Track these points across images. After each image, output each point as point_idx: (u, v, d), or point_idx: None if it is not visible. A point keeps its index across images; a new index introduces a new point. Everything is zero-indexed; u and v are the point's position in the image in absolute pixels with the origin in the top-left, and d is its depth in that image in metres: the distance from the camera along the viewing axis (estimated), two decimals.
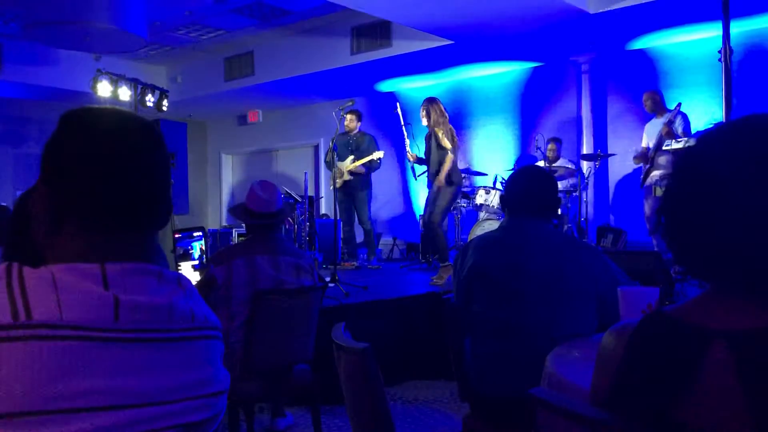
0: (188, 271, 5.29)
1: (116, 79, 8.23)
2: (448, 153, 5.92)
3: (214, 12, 8.12)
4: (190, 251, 5.05)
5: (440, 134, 5.99)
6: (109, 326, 0.86)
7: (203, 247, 5.10)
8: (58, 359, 0.81)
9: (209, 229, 8.86)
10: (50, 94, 9.86)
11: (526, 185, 2.50)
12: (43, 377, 0.80)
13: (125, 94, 8.25)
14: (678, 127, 6.31)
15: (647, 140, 6.66)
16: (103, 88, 8.09)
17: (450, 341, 2.56)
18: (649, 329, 0.94)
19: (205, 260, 4.66)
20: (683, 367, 0.88)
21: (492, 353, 2.41)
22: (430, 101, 6.21)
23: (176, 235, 4.68)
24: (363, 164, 7.29)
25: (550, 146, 7.63)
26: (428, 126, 6.16)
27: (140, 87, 8.44)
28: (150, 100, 8.47)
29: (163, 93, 8.75)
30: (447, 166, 5.89)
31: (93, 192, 0.93)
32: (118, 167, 0.94)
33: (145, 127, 1.00)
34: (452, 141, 6.00)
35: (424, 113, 6.18)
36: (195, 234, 5.29)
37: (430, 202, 6.08)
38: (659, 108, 6.59)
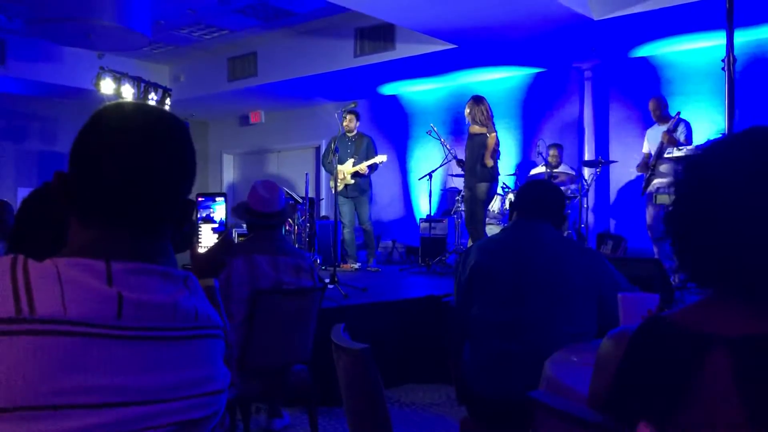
0: (208, 233, 5.39)
1: (119, 77, 8.23)
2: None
3: (218, 12, 8.13)
4: (212, 214, 5.27)
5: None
6: (112, 323, 0.86)
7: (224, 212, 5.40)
8: (61, 355, 0.81)
9: None
10: (53, 90, 9.86)
11: (540, 190, 2.61)
12: (44, 372, 0.80)
13: (128, 92, 8.26)
14: (680, 135, 6.31)
15: (648, 147, 6.66)
16: (106, 86, 8.10)
17: (449, 344, 2.57)
18: (648, 334, 0.94)
19: (225, 223, 4.79)
20: (682, 372, 0.88)
21: (491, 355, 2.41)
22: (479, 100, 6.47)
23: (199, 199, 4.80)
24: (367, 166, 7.30)
25: (552, 152, 7.63)
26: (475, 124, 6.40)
27: (143, 85, 8.45)
28: (153, 98, 8.48)
29: (165, 92, 8.76)
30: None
31: (102, 188, 0.92)
32: (130, 167, 0.93)
33: (170, 128, 0.98)
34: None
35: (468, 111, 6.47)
36: (217, 198, 5.62)
37: (466, 202, 6.32)
38: (662, 115, 6.58)
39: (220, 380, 0.98)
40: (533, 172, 7.78)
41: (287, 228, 7.41)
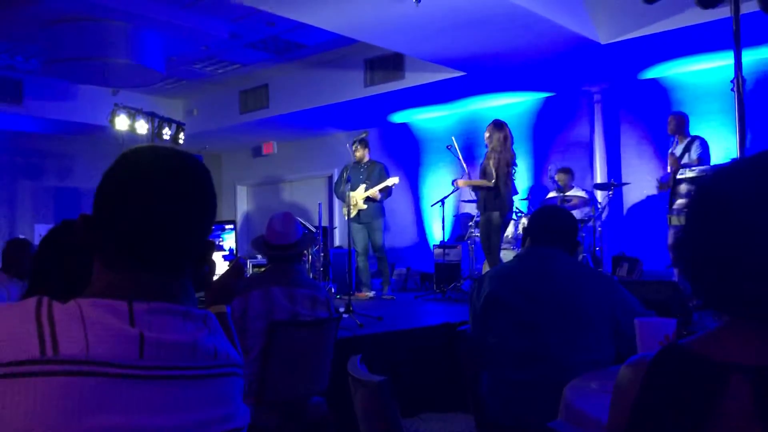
0: (218, 261, 5.45)
1: (134, 113, 8.35)
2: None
3: (230, 46, 8.26)
4: (220, 242, 5.38)
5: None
6: (134, 363, 0.87)
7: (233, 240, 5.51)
8: (84, 395, 0.83)
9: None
10: (69, 128, 10.03)
11: (551, 216, 2.60)
12: (67, 413, 0.81)
13: (142, 127, 8.37)
14: (694, 153, 6.25)
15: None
16: (121, 122, 8.21)
17: (466, 373, 2.56)
18: (666, 363, 0.93)
19: (235, 252, 4.84)
20: (701, 402, 0.87)
21: (509, 384, 2.39)
22: (499, 127, 6.37)
23: None
24: (379, 190, 7.32)
25: (559, 176, 7.64)
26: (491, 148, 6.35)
27: (157, 120, 8.56)
28: (167, 133, 8.58)
29: (179, 126, 8.87)
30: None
31: (125, 231, 0.95)
32: (153, 211, 0.95)
33: (192, 173, 1.01)
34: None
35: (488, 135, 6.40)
36: (226, 227, 5.73)
37: (481, 227, 6.30)
38: (680, 131, 6.49)
39: (240, 418, 0.99)
40: (549, 196, 7.77)
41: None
